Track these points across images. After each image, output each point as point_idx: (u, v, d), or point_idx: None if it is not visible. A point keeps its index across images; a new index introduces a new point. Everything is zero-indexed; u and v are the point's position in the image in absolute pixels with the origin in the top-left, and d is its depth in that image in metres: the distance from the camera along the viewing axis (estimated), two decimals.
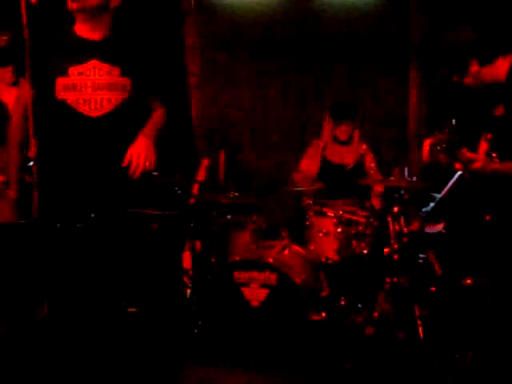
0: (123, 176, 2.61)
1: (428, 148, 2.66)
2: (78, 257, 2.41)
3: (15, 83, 3.58)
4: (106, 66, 2.74)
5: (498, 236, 2.78)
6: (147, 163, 2.63)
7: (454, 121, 2.66)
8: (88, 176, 2.69)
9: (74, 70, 2.72)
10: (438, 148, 2.64)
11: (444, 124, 2.66)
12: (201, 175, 4.82)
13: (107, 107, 2.71)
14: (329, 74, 5.62)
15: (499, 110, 2.74)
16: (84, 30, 2.76)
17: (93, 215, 2.37)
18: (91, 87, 2.71)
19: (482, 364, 2.80)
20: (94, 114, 2.70)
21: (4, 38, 3.39)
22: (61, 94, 2.70)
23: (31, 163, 2.35)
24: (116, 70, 2.75)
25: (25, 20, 2.35)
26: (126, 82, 2.76)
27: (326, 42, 5.55)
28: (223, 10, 5.54)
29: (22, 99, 2.72)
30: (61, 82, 2.71)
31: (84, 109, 2.69)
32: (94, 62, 2.73)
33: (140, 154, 2.62)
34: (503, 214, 2.75)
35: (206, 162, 4.89)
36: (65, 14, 2.73)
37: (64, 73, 2.71)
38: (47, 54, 2.70)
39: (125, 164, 2.61)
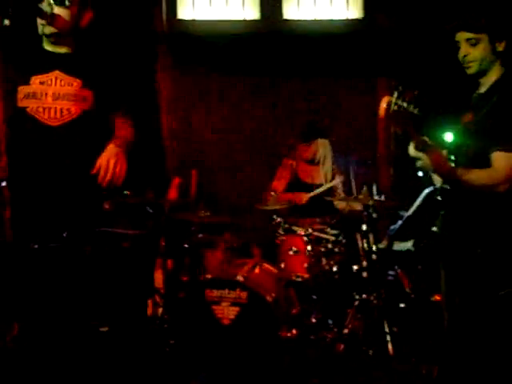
0: (91, 188, 2.61)
1: (385, 106, 2.61)
2: (49, 277, 2.40)
3: None
4: (68, 78, 2.77)
5: (452, 253, 2.80)
6: (117, 169, 2.64)
7: (416, 92, 2.63)
8: (56, 189, 2.68)
9: (35, 79, 2.75)
10: (395, 108, 2.58)
11: (407, 91, 2.61)
12: (172, 194, 4.84)
13: (67, 117, 2.73)
14: (301, 92, 5.69)
15: (468, 117, 2.78)
16: (51, 45, 2.82)
17: (65, 234, 2.37)
18: (51, 96, 2.73)
19: (447, 378, 2.84)
20: (54, 123, 2.71)
21: None
22: (22, 102, 2.73)
23: (3, 183, 2.36)
24: (78, 82, 2.78)
25: None
26: (87, 94, 2.78)
27: (298, 60, 5.62)
28: (195, 29, 5.60)
29: None
30: (22, 90, 2.73)
31: (43, 117, 2.71)
32: (56, 73, 2.77)
33: (109, 160, 2.64)
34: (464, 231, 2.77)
35: (176, 181, 4.92)
36: (35, 35, 2.78)
37: (26, 82, 2.74)
38: (14, 65, 2.74)
39: (94, 171, 2.62)
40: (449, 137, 2.84)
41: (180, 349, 3.71)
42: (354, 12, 5.70)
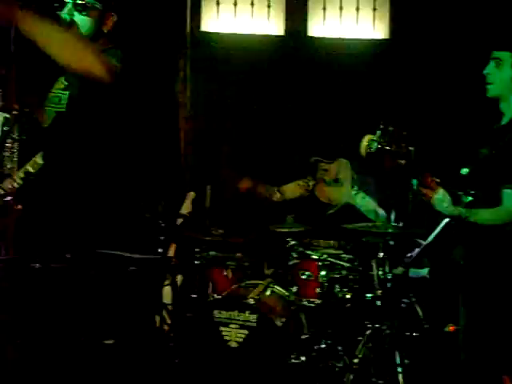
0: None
1: (366, 143, 2.54)
2: (51, 296, 2.33)
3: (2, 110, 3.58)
4: None
5: (472, 283, 2.75)
6: None
7: (403, 132, 2.55)
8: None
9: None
10: (379, 146, 2.50)
11: (393, 130, 2.53)
12: (186, 208, 4.78)
13: None
14: (324, 110, 5.62)
15: (485, 150, 2.73)
16: None
17: (68, 256, 2.31)
18: None
19: None
20: None
21: None
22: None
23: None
24: None
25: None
26: None
27: (322, 78, 5.55)
28: (216, 44, 5.56)
29: None
30: None
31: None
32: None
33: None
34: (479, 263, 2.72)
35: (191, 195, 4.85)
36: None
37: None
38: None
39: None
40: (465, 170, 2.78)
41: (185, 368, 3.63)
42: (380, 32, 5.63)
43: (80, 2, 2.61)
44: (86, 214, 2.59)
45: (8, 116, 3.48)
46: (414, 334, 4.05)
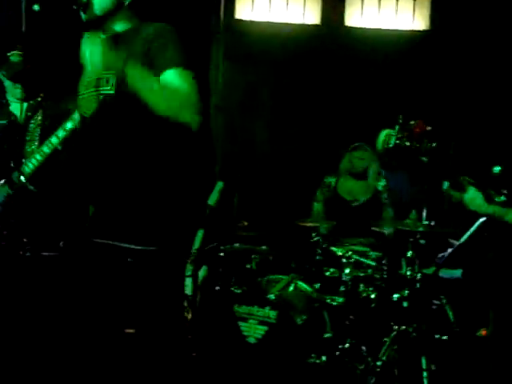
0: None
1: (384, 138, 2.39)
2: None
3: (26, 99, 3.59)
4: None
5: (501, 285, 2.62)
6: None
7: (427, 127, 2.40)
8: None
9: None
10: (397, 142, 2.34)
11: (416, 125, 2.38)
12: (213, 199, 4.69)
13: None
14: (356, 102, 5.47)
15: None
16: None
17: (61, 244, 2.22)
18: None
19: None
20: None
21: (16, 53, 3.38)
22: None
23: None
24: None
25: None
26: None
27: (357, 71, 5.41)
28: (251, 31, 5.46)
29: None
30: None
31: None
32: None
33: None
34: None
35: (220, 186, 4.76)
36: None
37: None
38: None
39: None
40: (497, 169, 2.64)
41: (202, 362, 3.56)
42: (420, 23, 5.44)
43: None
44: (115, 203, 2.49)
45: (32, 102, 3.48)
46: (443, 337, 3.91)
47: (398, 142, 2.30)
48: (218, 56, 5.38)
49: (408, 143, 2.30)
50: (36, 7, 2.23)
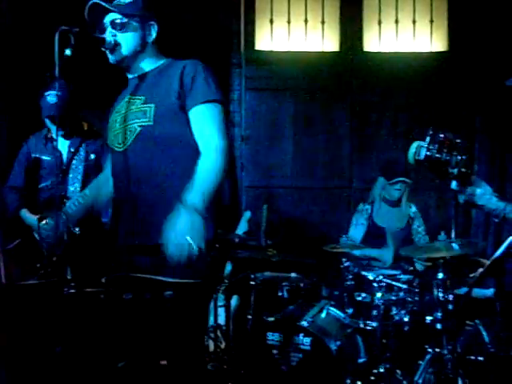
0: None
1: (414, 150, 2.38)
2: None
3: (68, 136, 3.69)
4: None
5: None
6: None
7: (456, 140, 2.39)
8: None
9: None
10: (428, 153, 2.33)
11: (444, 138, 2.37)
12: (242, 228, 4.74)
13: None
14: (378, 128, 5.50)
15: None
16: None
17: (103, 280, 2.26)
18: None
19: None
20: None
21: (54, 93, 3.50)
22: None
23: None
24: (140, 99, 2.60)
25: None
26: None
27: (375, 95, 5.45)
28: (271, 61, 5.53)
29: None
30: None
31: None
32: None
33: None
34: None
35: (248, 216, 4.82)
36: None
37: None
38: None
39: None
40: None
41: None
42: (438, 44, 5.48)
43: (118, 21, 2.58)
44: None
45: (75, 139, 3.58)
46: (479, 358, 3.86)
47: (428, 153, 2.31)
48: (241, 87, 5.46)
49: (438, 155, 2.30)
50: (68, 52, 2.33)
